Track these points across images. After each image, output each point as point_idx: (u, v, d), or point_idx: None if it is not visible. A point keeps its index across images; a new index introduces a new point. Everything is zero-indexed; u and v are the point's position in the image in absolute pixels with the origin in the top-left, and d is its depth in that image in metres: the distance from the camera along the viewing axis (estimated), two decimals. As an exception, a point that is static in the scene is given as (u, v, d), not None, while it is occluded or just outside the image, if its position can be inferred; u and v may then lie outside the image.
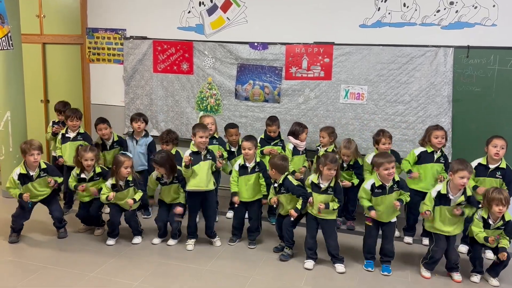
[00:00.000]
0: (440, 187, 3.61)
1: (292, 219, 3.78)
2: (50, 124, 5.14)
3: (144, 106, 5.75)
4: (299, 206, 3.75)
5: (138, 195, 4.12)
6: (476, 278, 3.64)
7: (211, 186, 4.06)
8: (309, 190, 3.75)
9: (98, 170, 4.23)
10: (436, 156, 4.20)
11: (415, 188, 4.19)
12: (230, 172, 4.34)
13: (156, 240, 4.20)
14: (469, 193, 3.55)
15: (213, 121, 4.71)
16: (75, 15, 6.07)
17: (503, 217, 3.48)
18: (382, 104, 4.98)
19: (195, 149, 3.98)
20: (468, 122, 4.67)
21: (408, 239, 4.40)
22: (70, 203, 4.98)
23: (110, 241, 4.13)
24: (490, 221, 3.51)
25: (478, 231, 3.52)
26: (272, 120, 4.71)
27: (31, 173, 4.03)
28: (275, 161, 3.85)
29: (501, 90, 4.61)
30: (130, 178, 4.09)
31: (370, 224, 3.75)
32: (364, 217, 3.84)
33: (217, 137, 4.72)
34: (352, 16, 4.97)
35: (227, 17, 5.42)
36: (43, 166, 4.11)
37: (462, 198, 3.50)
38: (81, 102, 6.21)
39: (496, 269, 3.61)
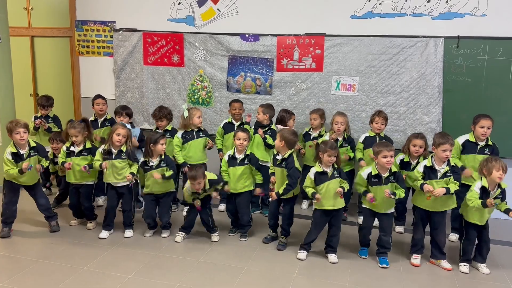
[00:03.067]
0: (425, 162, 3.67)
1: (270, 199, 3.93)
2: (32, 118, 5.05)
3: (135, 99, 5.71)
4: (281, 191, 3.80)
5: (135, 167, 4.09)
6: (465, 268, 3.64)
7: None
8: (311, 188, 3.72)
9: (88, 145, 4.19)
10: None
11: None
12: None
13: (148, 234, 4.19)
14: (452, 163, 3.66)
15: (200, 114, 4.64)
16: (64, 7, 5.99)
17: (499, 186, 3.51)
18: (373, 95, 5.00)
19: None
20: (459, 112, 4.70)
21: (399, 228, 4.44)
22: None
23: (103, 234, 4.12)
24: (490, 190, 3.49)
25: (474, 198, 3.48)
26: (264, 105, 4.74)
27: (22, 152, 3.99)
28: (286, 134, 3.84)
29: (491, 80, 4.65)
30: (123, 149, 4.05)
31: (368, 206, 3.73)
32: (357, 208, 3.84)
33: (202, 129, 4.68)
34: (343, 7, 4.97)
35: (218, 9, 5.38)
36: (33, 144, 4.07)
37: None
38: (71, 95, 6.16)
39: (482, 253, 3.65)
